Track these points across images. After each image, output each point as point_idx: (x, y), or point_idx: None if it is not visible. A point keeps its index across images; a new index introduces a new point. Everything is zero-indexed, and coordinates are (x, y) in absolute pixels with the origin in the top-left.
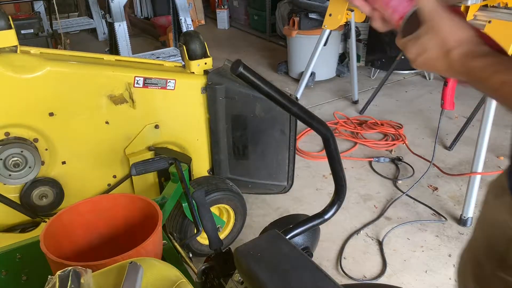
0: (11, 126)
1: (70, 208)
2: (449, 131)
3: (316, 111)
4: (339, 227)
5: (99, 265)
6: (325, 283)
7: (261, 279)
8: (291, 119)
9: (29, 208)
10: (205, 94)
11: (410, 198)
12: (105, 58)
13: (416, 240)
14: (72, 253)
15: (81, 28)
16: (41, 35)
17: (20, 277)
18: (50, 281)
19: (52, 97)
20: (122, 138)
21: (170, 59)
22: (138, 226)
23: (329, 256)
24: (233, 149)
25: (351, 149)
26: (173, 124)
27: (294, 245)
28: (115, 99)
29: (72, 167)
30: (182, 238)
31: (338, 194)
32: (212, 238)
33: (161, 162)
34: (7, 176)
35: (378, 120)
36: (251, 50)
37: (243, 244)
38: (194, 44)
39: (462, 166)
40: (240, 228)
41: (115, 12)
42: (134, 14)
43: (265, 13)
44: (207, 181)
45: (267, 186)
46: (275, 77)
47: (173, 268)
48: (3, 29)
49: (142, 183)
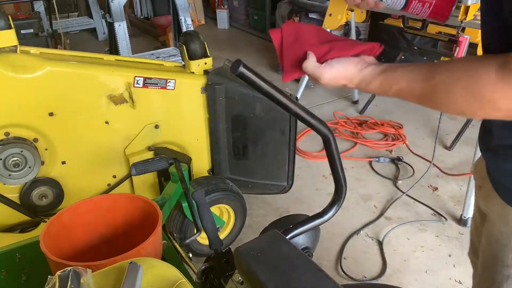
0: (11, 126)
1: (70, 208)
2: (449, 131)
3: (316, 111)
4: (339, 227)
5: (99, 265)
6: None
7: (261, 279)
8: (291, 119)
9: (29, 208)
10: (205, 94)
11: (410, 198)
12: (105, 58)
13: (416, 240)
14: (72, 253)
15: (81, 28)
16: (41, 35)
17: (20, 277)
18: (50, 281)
19: (52, 97)
20: (122, 138)
21: (170, 59)
22: (138, 226)
23: (329, 256)
24: (233, 149)
25: (351, 149)
26: (173, 124)
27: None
28: (115, 99)
29: (72, 167)
30: (182, 238)
31: (338, 194)
32: (212, 238)
33: (161, 162)
34: (7, 176)
35: (378, 120)
36: (251, 50)
37: (243, 244)
38: (194, 44)
39: (462, 166)
40: (240, 228)
41: (115, 12)
42: (134, 14)
43: (265, 13)
44: (207, 181)
45: (267, 186)
46: (275, 77)
47: (173, 268)
48: (3, 29)
49: (142, 183)
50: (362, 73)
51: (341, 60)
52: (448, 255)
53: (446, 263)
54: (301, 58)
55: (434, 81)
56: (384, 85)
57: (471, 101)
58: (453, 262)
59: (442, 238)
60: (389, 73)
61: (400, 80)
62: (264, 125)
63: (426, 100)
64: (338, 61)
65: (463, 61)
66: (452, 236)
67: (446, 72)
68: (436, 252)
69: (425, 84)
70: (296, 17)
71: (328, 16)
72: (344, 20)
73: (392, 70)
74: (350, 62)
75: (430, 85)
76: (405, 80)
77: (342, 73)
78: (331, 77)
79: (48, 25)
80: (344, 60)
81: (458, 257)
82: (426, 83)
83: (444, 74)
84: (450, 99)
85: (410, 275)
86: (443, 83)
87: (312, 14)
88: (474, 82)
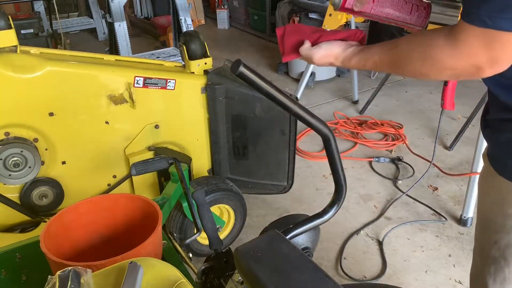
0: (11, 126)
1: (70, 208)
2: (449, 131)
3: (316, 111)
4: (339, 227)
5: (99, 265)
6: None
7: (261, 279)
8: (291, 119)
9: (29, 208)
10: (205, 94)
11: (410, 198)
12: (105, 58)
13: (416, 240)
14: (72, 253)
15: (81, 28)
16: (41, 35)
17: (20, 277)
18: (50, 281)
19: (52, 97)
20: (122, 138)
21: (170, 59)
22: (138, 226)
23: (329, 256)
24: (233, 149)
25: (351, 149)
26: (173, 124)
27: (294, 245)
28: (115, 99)
29: (72, 167)
30: (182, 238)
31: (338, 194)
32: (212, 238)
33: (161, 162)
34: (7, 176)
35: (378, 120)
36: (251, 50)
37: (243, 244)
38: (194, 44)
39: (462, 166)
40: (240, 228)
41: (115, 12)
42: (134, 14)
43: (265, 13)
44: (207, 181)
45: (267, 186)
46: (275, 77)
47: (173, 268)
48: (3, 29)
49: (142, 183)
50: (345, 52)
51: (328, 42)
52: (448, 255)
53: (446, 263)
54: (298, 44)
55: (398, 50)
56: (362, 59)
57: (425, 62)
58: (453, 262)
59: (442, 238)
60: (366, 50)
61: (374, 55)
62: (264, 125)
63: (393, 66)
64: (326, 43)
65: (419, 33)
66: (452, 236)
67: (406, 42)
68: (436, 252)
69: (391, 53)
70: (296, 17)
71: (328, 16)
72: (344, 20)
73: (368, 48)
74: (336, 44)
75: (395, 53)
76: (377, 54)
77: (328, 52)
78: (320, 56)
79: (48, 25)
80: (331, 42)
81: (458, 257)
82: (392, 52)
83: (405, 43)
84: (409, 62)
85: (410, 275)
86: (404, 50)
87: (312, 14)
88: (427, 46)
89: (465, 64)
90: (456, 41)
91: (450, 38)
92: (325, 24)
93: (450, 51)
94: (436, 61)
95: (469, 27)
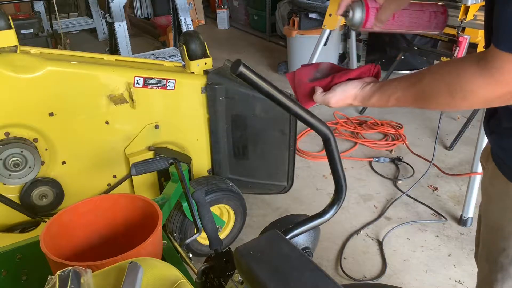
0: (11, 126)
1: (70, 208)
2: (449, 131)
3: (316, 111)
4: (339, 227)
5: (99, 265)
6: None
7: (261, 279)
8: (291, 119)
9: (29, 208)
10: (205, 94)
11: (410, 198)
12: (105, 58)
13: (416, 240)
14: (72, 253)
15: (81, 28)
16: (41, 35)
17: (20, 277)
18: (50, 281)
19: (52, 97)
20: (122, 138)
21: (170, 59)
22: (138, 226)
23: (329, 256)
24: (233, 149)
25: (351, 149)
26: (173, 124)
27: (294, 245)
28: (115, 99)
29: (72, 167)
30: (182, 238)
31: (338, 194)
32: (212, 238)
33: (161, 162)
34: (7, 176)
35: (378, 120)
36: (251, 50)
37: (243, 244)
38: (194, 44)
39: (462, 166)
40: (240, 228)
41: (115, 12)
42: (134, 14)
43: (265, 13)
44: (207, 181)
45: (267, 186)
46: (275, 77)
47: (173, 268)
48: (3, 29)
49: (142, 183)
50: (363, 91)
51: (342, 84)
52: (448, 255)
53: (446, 263)
54: (311, 92)
55: (422, 84)
56: (383, 96)
57: (455, 95)
58: (453, 262)
59: (442, 238)
60: (386, 87)
61: (395, 91)
62: (264, 125)
63: (419, 101)
64: (340, 85)
65: (444, 64)
66: (452, 236)
67: (431, 74)
68: (436, 252)
69: (416, 88)
70: (296, 17)
71: (328, 16)
72: (343, 21)
73: (387, 84)
74: (350, 84)
75: (419, 87)
76: (399, 90)
77: (344, 95)
78: (336, 100)
79: (48, 25)
80: (345, 83)
81: (458, 257)
82: (416, 87)
83: (430, 76)
84: (437, 96)
85: (410, 275)
86: (430, 84)
87: (312, 14)
88: (456, 77)
89: (501, 92)
90: (492, 69)
91: (482, 67)
92: (325, 24)
93: (483, 80)
94: (469, 93)
95: (504, 55)
